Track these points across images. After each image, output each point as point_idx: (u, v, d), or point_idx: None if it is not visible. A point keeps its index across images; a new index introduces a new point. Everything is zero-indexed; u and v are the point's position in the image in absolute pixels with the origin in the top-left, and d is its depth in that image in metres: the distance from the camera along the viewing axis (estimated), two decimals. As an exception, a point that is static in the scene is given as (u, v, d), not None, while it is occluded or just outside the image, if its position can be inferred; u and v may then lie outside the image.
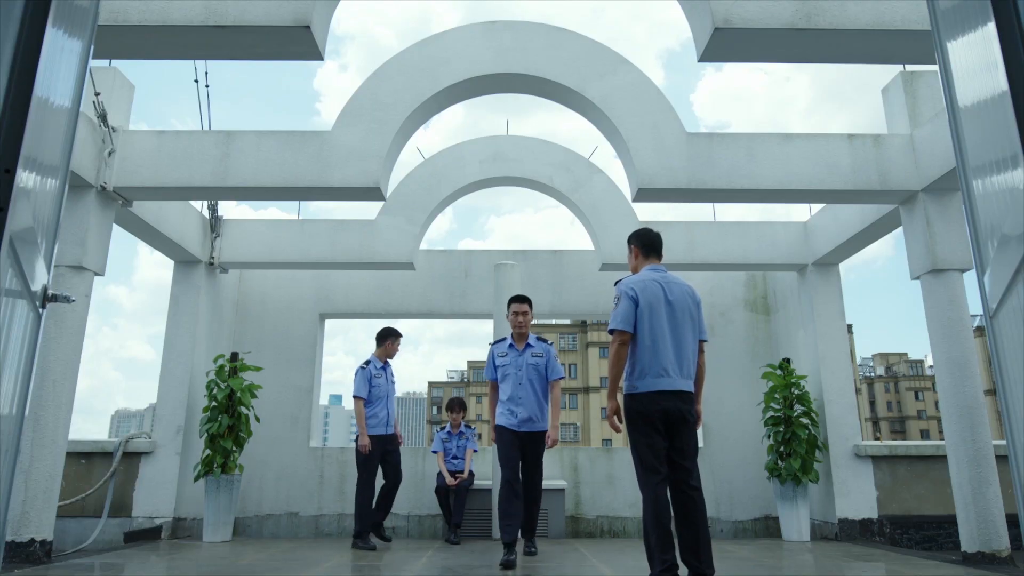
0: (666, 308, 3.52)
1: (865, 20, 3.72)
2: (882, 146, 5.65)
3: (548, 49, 5.56)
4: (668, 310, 3.52)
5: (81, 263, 5.20)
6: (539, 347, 5.30)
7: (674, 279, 3.65)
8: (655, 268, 3.70)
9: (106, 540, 6.22)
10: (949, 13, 2.31)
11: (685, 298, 3.59)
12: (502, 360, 5.23)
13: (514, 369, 5.15)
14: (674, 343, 3.49)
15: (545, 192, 7.60)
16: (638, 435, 3.43)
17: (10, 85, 1.86)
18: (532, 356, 5.21)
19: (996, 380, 2.06)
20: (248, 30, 3.72)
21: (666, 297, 3.54)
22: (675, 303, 3.54)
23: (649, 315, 3.49)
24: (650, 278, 3.61)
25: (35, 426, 4.87)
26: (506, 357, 5.22)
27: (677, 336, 3.50)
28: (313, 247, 7.19)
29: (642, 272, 3.70)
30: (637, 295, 3.53)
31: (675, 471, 3.42)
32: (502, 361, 5.23)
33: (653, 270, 3.68)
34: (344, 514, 7.12)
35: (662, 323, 3.49)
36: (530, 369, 5.16)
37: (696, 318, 3.61)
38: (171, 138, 5.70)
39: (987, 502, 5.00)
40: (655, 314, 3.49)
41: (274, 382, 7.35)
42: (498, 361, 5.26)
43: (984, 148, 2.07)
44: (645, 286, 3.56)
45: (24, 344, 2.13)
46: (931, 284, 5.48)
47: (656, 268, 3.70)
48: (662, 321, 3.49)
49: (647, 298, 3.52)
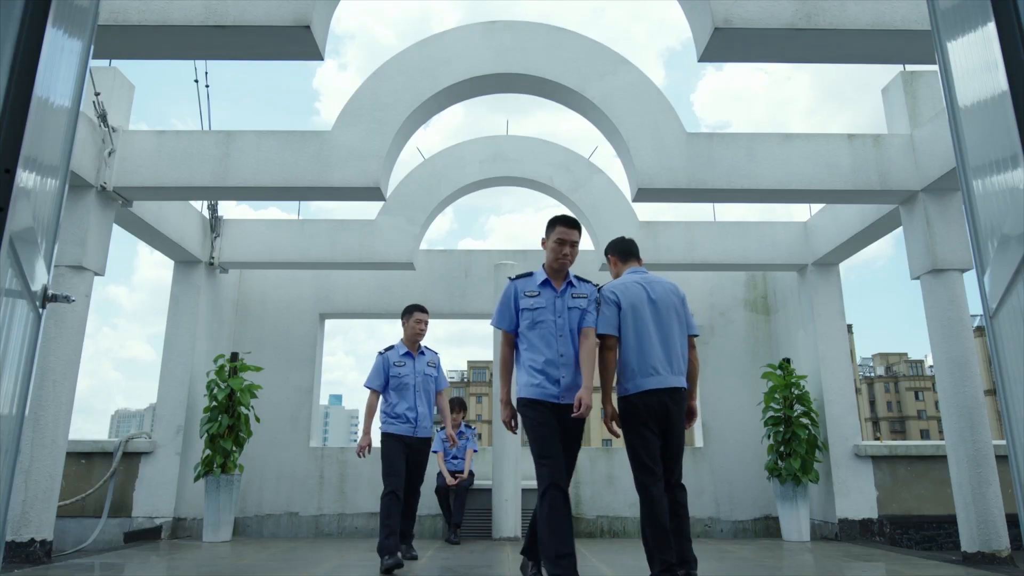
0: (650, 307, 3.57)
1: (865, 20, 3.72)
2: (882, 146, 5.65)
3: (548, 49, 5.56)
4: (652, 309, 3.57)
5: (81, 263, 5.20)
6: (582, 287, 3.72)
7: (656, 278, 3.70)
8: (636, 270, 3.77)
9: (106, 540, 6.22)
10: (949, 13, 2.31)
11: (669, 295, 3.63)
12: (532, 300, 3.64)
13: (552, 315, 3.59)
14: (661, 341, 3.52)
15: (545, 192, 7.60)
16: (633, 436, 3.46)
17: (10, 85, 1.86)
18: (573, 298, 3.64)
19: (996, 380, 2.06)
20: (248, 30, 3.72)
21: (649, 296, 3.60)
22: (658, 301, 3.59)
23: (633, 316, 3.55)
24: (631, 280, 3.68)
25: (35, 426, 4.87)
26: (538, 296, 3.64)
27: (664, 333, 3.54)
28: (313, 247, 7.19)
29: (623, 276, 3.76)
30: (619, 298, 3.59)
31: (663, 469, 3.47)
32: (533, 302, 3.63)
33: (634, 272, 3.76)
34: (344, 514, 7.12)
35: (647, 322, 3.54)
36: (572, 316, 3.62)
37: (682, 314, 3.65)
38: (171, 138, 5.70)
39: (987, 502, 5.00)
40: (639, 314, 3.55)
41: (274, 382, 7.35)
42: (524, 302, 3.65)
43: (984, 148, 2.07)
44: (626, 288, 3.63)
45: (24, 344, 2.13)
46: (931, 284, 5.48)
47: (637, 270, 3.77)
48: (647, 320, 3.54)
49: (629, 299, 3.58)
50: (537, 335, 3.57)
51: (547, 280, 3.65)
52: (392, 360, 5.10)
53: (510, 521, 6.47)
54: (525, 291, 3.66)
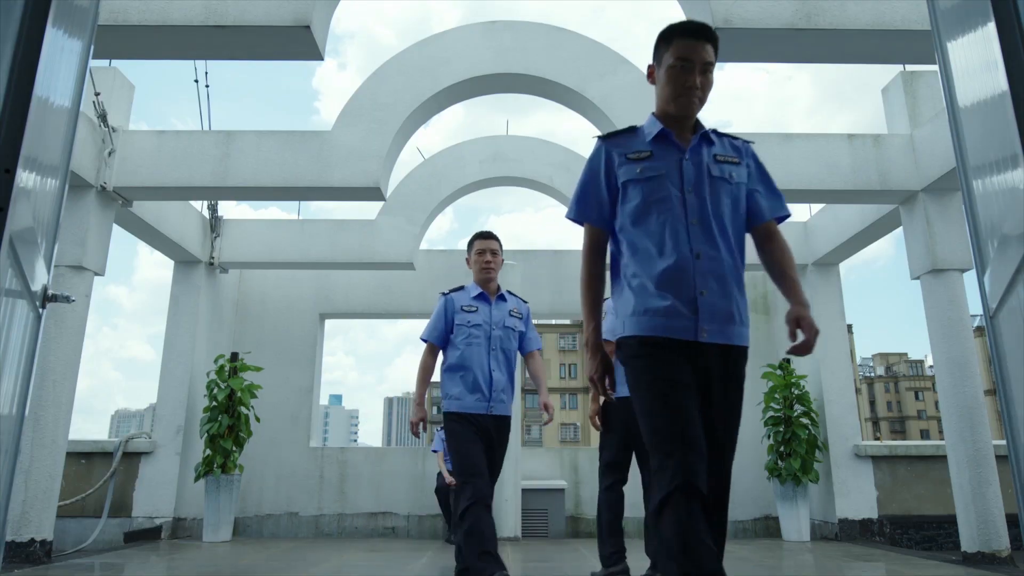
0: None
1: (865, 20, 3.72)
2: (882, 146, 5.65)
3: (548, 49, 5.56)
4: None
5: (81, 263, 5.20)
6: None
7: None
8: None
9: (106, 540, 6.22)
10: (949, 13, 2.31)
11: None
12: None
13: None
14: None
15: (545, 192, 7.60)
16: (613, 437, 3.90)
17: (10, 85, 1.85)
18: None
19: (996, 380, 2.06)
20: (248, 30, 3.72)
21: None
22: None
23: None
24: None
25: (35, 426, 4.87)
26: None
27: None
28: (313, 247, 7.19)
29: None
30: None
31: (646, 471, 3.81)
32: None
33: None
34: (344, 514, 7.12)
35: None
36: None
37: None
38: (171, 138, 5.70)
39: (987, 502, 5.00)
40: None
41: (274, 382, 7.35)
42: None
43: (984, 148, 2.07)
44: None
45: (24, 344, 2.13)
46: (931, 284, 5.48)
47: None
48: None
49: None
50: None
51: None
52: (460, 303, 3.65)
53: (510, 521, 6.47)
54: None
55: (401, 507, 7.01)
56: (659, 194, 2.01)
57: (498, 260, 3.67)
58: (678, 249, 1.94)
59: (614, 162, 2.09)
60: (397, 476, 7.15)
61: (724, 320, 1.94)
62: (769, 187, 2.23)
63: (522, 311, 3.69)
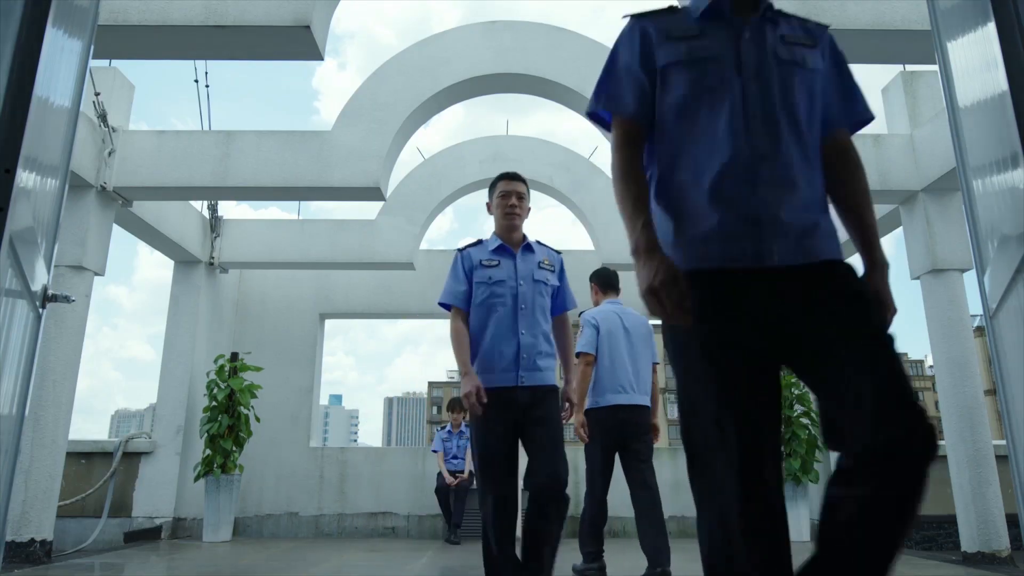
0: (624, 335, 4.14)
1: (865, 20, 3.72)
2: (882, 146, 5.65)
3: (548, 49, 5.56)
4: (625, 336, 4.14)
5: (81, 263, 5.20)
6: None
7: (629, 311, 4.27)
8: (613, 302, 4.34)
9: (106, 540, 6.22)
10: (949, 13, 2.31)
11: (639, 327, 4.21)
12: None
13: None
14: (631, 364, 4.08)
15: (545, 192, 7.59)
16: (595, 446, 4.05)
17: (10, 85, 1.86)
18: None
19: (996, 380, 2.06)
20: (248, 30, 3.72)
21: (623, 325, 4.17)
22: (631, 331, 4.16)
23: (608, 340, 4.10)
24: (609, 310, 4.25)
25: (35, 426, 4.87)
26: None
27: (634, 358, 4.11)
28: (313, 247, 7.19)
29: (602, 305, 4.33)
30: (599, 323, 4.15)
31: (631, 472, 4.03)
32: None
33: (612, 303, 4.32)
34: (344, 514, 7.11)
35: (620, 347, 4.09)
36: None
37: (650, 344, 4.23)
38: (171, 138, 5.70)
39: (987, 502, 5.00)
40: (614, 340, 4.11)
41: (274, 382, 7.34)
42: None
43: (984, 148, 2.07)
44: (606, 316, 4.20)
45: (24, 344, 2.13)
46: (931, 284, 5.48)
47: (614, 302, 4.34)
48: (620, 346, 4.10)
49: (607, 326, 4.14)
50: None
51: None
52: (478, 259, 2.99)
53: (510, 521, 6.47)
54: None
55: (401, 507, 7.00)
56: (710, 81, 1.53)
57: (524, 206, 3.03)
58: (735, 151, 1.46)
59: (652, 40, 1.59)
60: (397, 476, 7.15)
61: (800, 234, 1.44)
62: (845, 82, 1.65)
63: (554, 262, 3.06)
